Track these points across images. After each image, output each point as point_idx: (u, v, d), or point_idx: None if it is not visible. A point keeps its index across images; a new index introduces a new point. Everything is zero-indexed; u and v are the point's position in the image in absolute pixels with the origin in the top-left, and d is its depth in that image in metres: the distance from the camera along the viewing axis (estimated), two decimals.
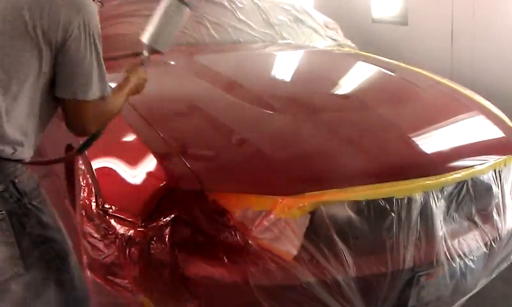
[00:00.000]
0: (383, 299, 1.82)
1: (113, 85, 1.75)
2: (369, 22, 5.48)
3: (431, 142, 2.12)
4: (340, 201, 1.79)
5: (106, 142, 2.09)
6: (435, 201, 1.90)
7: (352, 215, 1.79)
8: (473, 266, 1.98)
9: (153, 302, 1.82)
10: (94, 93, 1.55)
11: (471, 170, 2.02)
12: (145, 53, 1.99)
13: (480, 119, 2.41)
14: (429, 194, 1.88)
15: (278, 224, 1.74)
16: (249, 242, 1.73)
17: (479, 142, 2.27)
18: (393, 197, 1.82)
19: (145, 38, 1.99)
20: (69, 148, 2.40)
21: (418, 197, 1.85)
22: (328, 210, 1.75)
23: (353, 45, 3.74)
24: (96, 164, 2.03)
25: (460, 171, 1.98)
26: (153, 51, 1.99)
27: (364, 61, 3.09)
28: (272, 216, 1.74)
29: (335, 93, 2.57)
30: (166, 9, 1.98)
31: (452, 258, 1.92)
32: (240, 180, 1.81)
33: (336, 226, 1.76)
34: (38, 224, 1.54)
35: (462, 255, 1.95)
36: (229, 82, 2.48)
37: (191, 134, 2.07)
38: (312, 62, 3.17)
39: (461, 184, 1.99)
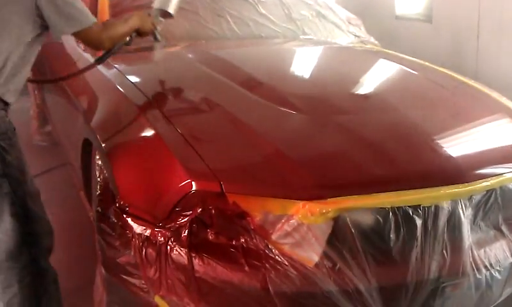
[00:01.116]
0: None
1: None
2: (393, 18, 5.38)
3: (458, 147, 2.04)
4: (364, 207, 1.72)
5: (124, 138, 2.06)
6: (463, 210, 1.83)
7: (377, 222, 1.73)
8: (499, 276, 1.91)
9: (168, 304, 1.78)
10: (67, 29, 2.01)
11: (501, 178, 1.94)
12: (159, 18, 2.44)
13: (509, 123, 2.33)
14: (457, 202, 1.82)
15: (299, 230, 1.68)
16: (269, 246, 1.68)
17: (508, 147, 2.19)
18: (420, 204, 1.75)
19: (156, 3, 2.46)
20: (86, 141, 2.37)
21: (446, 206, 1.79)
22: (352, 216, 1.69)
23: (376, 42, 3.66)
24: (114, 160, 1.98)
25: (489, 179, 1.91)
26: (165, 14, 2.44)
27: (388, 60, 3.02)
28: (293, 221, 1.68)
29: (359, 93, 2.49)
30: None
31: (478, 269, 1.85)
32: (262, 182, 1.75)
33: (360, 233, 1.69)
34: None
35: (488, 265, 1.88)
36: (250, 79, 2.42)
37: (211, 133, 2.01)
38: (334, 60, 3.10)
39: (489, 192, 1.92)
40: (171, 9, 2.45)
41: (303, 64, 2.99)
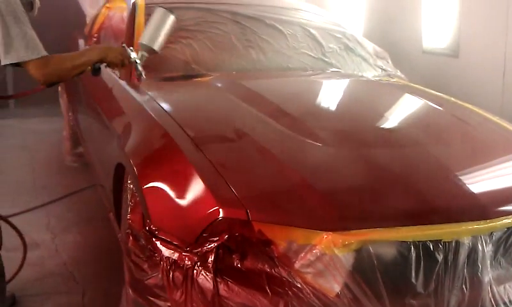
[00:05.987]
0: None
1: None
2: (420, 52, 5.42)
3: (480, 183, 2.08)
4: (387, 240, 1.77)
5: (157, 164, 2.15)
6: (483, 246, 1.87)
7: (398, 255, 1.77)
8: None
9: None
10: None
11: None
12: (144, 53, 2.62)
13: None
14: (478, 238, 1.85)
15: (322, 260, 1.73)
16: (292, 275, 1.73)
17: None
18: (441, 239, 1.80)
19: (143, 39, 2.63)
20: (118, 165, 2.46)
21: (467, 241, 1.83)
22: (374, 248, 1.74)
23: (403, 76, 3.71)
24: (146, 184, 2.06)
25: (510, 216, 1.94)
26: (150, 51, 2.63)
27: (414, 94, 3.06)
28: (316, 251, 1.73)
29: (384, 127, 2.55)
30: (156, 17, 2.65)
31: (497, 305, 1.88)
32: (287, 211, 1.81)
33: (381, 265, 1.74)
34: None
35: (508, 302, 1.91)
36: (278, 110, 2.49)
37: (239, 162, 2.09)
38: (361, 93, 3.16)
39: (510, 229, 1.96)
40: (157, 47, 2.64)
41: (331, 97, 3.06)
